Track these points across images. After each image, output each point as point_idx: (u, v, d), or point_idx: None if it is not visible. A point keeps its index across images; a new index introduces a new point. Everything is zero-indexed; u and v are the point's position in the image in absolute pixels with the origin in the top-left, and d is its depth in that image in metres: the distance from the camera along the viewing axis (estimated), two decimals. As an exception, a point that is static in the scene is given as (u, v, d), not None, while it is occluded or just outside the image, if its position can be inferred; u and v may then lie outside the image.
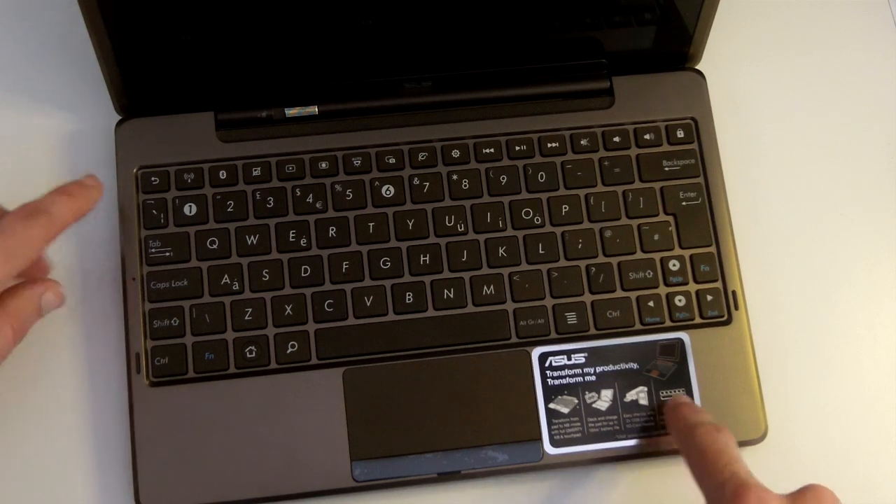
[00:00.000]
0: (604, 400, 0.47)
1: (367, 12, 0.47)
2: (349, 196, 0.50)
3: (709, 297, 0.49)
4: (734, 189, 0.51)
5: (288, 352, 0.47)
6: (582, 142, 0.51)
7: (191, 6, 0.46)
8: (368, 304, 0.48)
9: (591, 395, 0.47)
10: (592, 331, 0.49)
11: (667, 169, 0.51)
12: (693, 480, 0.42)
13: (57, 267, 0.50)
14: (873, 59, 0.56)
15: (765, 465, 0.43)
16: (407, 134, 0.51)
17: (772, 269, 0.52)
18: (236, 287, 0.48)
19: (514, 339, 0.48)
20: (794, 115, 0.55)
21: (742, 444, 0.47)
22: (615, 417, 0.47)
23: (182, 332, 0.47)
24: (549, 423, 0.47)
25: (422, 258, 0.49)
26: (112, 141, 0.50)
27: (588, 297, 0.49)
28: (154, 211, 0.49)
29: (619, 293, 0.49)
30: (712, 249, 0.50)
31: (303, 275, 0.48)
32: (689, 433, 0.43)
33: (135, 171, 0.50)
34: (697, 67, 0.53)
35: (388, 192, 0.50)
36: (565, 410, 0.47)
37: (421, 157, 0.50)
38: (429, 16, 0.48)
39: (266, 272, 0.48)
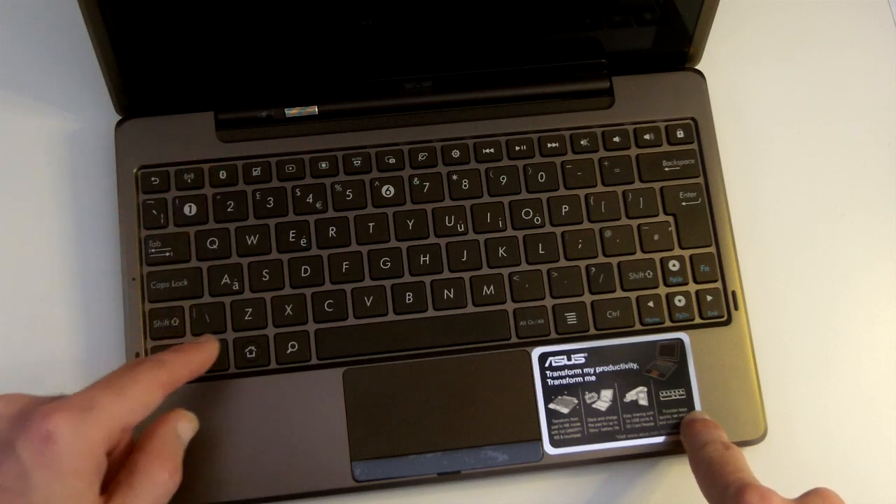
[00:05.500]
0: (603, 400, 0.47)
1: (366, 12, 0.47)
2: (349, 196, 0.50)
3: (708, 298, 0.49)
4: (734, 189, 0.51)
5: (288, 352, 0.47)
6: (582, 142, 0.51)
7: (191, 6, 0.46)
8: (368, 304, 0.48)
9: (590, 395, 0.47)
10: (592, 331, 0.49)
11: (667, 169, 0.51)
12: (702, 494, 0.42)
13: (57, 267, 0.50)
14: (873, 59, 0.56)
15: (765, 465, 0.43)
16: (407, 134, 0.51)
17: (772, 269, 0.52)
18: (236, 287, 0.48)
19: (514, 339, 0.48)
20: (794, 114, 0.55)
21: (742, 444, 0.47)
22: (615, 418, 0.47)
23: (182, 332, 0.47)
24: (549, 424, 0.47)
25: (422, 258, 0.49)
26: (112, 141, 0.50)
27: (588, 298, 0.49)
28: (154, 211, 0.49)
29: (619, 293, 0.49)
30: (712, 249, 0.50)
31: (303, 275, 0.48)
32: (699, 450, 0.44)
33: (135, 171, 0.50)
34: (697, 67, 0.53)
35: (388, 192, 0.50)
36: (565, 410, 0.47)
37: (421, 157, 0.50)
38: (428, 16, 0.48)
39: (266, 272, 0.48)
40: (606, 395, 0.48)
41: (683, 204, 0.50)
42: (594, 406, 0.47)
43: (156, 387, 0.39)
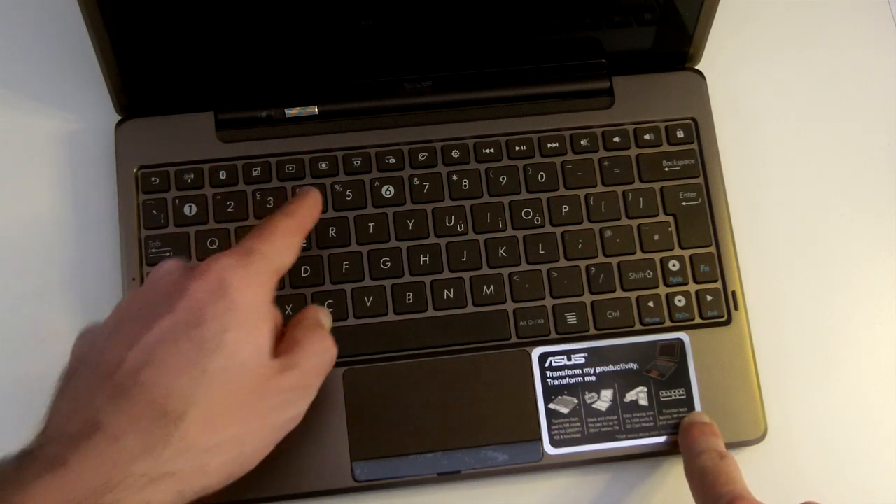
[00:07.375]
0: (603, 400, 0.47)
1: (367, 12, 0.47)
2: (349, 196, 0.50)
3: (708, 298, 0.49)
4: (734, 189, 0.51)
5: (288, 352, 0.47)
6: (582, 142, 0.51)
7: (191, 6, 0.46)
8: (368, 305, 0.48)
9: (590, 395, 0.47)
10: (592, 331, 0.49)
11: (667, 169, 0.51)
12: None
13: (57, 267, 0.50)
14: (873, 59, 0.56)
15: (764, 465, 0.43)
16: (407, 134, 0.51)
17: (772, 269, 0.52)
18: (236, 287, 0.48)
19: (514, 339, 0.48)
20: (794, 114, 0.55)
21: (741, 444, 0.47)
22: (615, 418, 0.47)
23: (182, 332, 0.47)
24: (549, 424, 0.47)
25: (422, 258, 0.49)
26: (112, 141, 0.50)
27: (588, 298, 0.49)
28: (154, 211, 0.49)
29: (619, 293, 0.49)
30: (712, 250, 0.50)
31: (303, 275, 0.48)
32: (694, 458, 0.44)
33: (135, 171, 0.50)
34: (697, 67, 0.53)
35: (388, 192, 0.50)
36: (565, 410, 0.47)
37: (421, 157, 0.50)
38: (429, 16, 0.48)
39: (266, 272, 0.48)
40: (606, 395, 0.48)
41: (683, 204, 0.50)
42: (594, 406, 0.47)
43: (294, 231, 0.42)
